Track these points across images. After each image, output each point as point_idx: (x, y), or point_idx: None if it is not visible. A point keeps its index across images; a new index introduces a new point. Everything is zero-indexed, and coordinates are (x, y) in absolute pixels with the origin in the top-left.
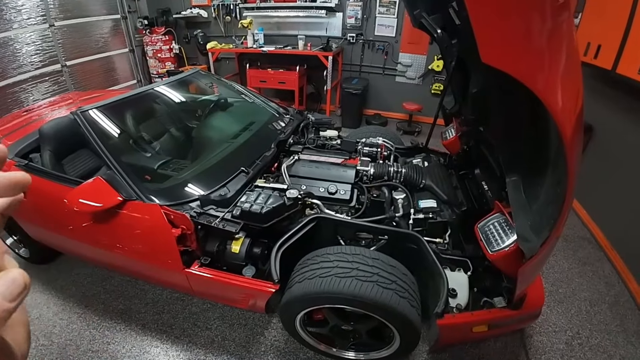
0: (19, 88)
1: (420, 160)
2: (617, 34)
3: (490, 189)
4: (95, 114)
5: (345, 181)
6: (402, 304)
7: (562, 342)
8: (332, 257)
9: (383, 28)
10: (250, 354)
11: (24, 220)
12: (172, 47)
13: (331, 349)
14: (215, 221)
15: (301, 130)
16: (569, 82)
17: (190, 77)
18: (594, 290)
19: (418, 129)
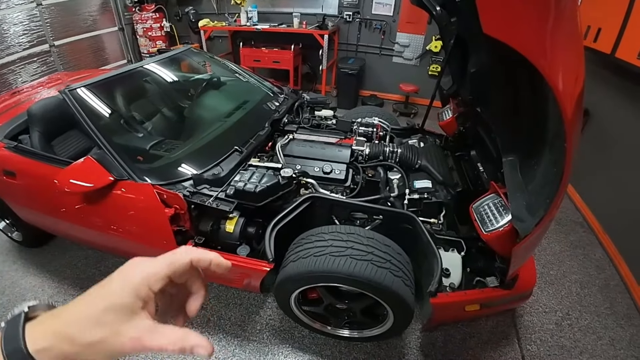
0: (7, 70)
1: (416, 141)
2: (618, 18)
3: (485, 170)
4: (84, 93)
5: (340, 161)
6: (396, 283)
7: (552, 322)
8: (327, 236)
9: (380, 6)
10: (245, 333)
11: (16, 203)
12: (163, 25)
13: (326, 327)
14: (209, 200)
15: (296, 109)
16: (572, 61)
17: (182, 55)
18: (585, 273)
19: (414, 111)
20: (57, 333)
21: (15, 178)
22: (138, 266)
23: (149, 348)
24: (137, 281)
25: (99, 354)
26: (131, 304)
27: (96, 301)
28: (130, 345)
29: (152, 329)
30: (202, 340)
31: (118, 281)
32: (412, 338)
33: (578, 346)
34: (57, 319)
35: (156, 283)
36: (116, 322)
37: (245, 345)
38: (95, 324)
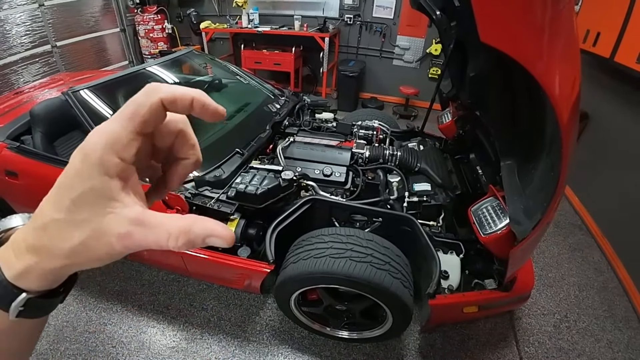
0: (9, 70)
1: (416, 143)
2: (617, 22)
3: (484, 173)
4: (87, 94)
5: (340, 163)
6: (395, 285)
7: (550, 324)
8: (327, 238)
9: (381, 9)
10: (245, 334)
11: (17, 204)
12: (165, 27)
13: (325, 328)
14: (210, 202)
15: (296, 112)
16: (568, 67)
17: (184, 57)
18: (583, 276)
19: (414, 113)
20: (31, 248)
21: (17, 178)
22: (93, 134)
23: (144, 245)
24: (99, 153)
25: (87, 261)
26: (102, 187)
27: (57, 195)
28: (120, 244)
29: (143, 220)
30: (216, 226)
31: (76, 160)
32: (411, 339)
33: (576, 349)
34: (26, 230)
35: (126, 148)
36: (93, 216)
37: (245, 346)
38: (68, 226)
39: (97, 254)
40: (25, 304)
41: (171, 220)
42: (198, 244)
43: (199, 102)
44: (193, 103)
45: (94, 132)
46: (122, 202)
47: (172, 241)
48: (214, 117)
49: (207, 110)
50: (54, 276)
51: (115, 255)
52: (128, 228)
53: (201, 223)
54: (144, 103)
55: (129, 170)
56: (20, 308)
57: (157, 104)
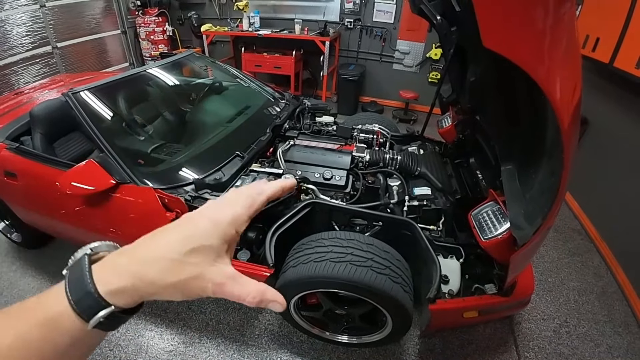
0: (9, 70)
1: (416, 148)
2: (616, 28)
3: (484, 177)
4: (87, 96)
5: (340, 167)
6: (395, 289)
7: (550, 329)
8: (327, 242)
9: (381, 14)
10: (244, 338)
11: (16, 204)
12: (166, 29)
13: (324, 333)
14: None
15: (297, 115)
16: (569, 72)
17: (185, 59)
18: (583, 281)
19: (414, 117)
20: (133, 273)
21: (16, 179)
22: (224, 208)
23: (228, 295)
24: (226, 223)
25: (177, 294)
26: (218, 247)
27: (180, 241)
28: (212, 289)
29: (235, 277)
30: (278, 296)
31: (207, 222)
32: (411, 344)
33: (576, 354)
34: (130, 258)
35: (241, 225)
36: (202, 265)
37: (243, 350)
38: (180, 265)
39: (190, 291)
40: (106, 317)
41: (252, 283)
42: (263, 305)
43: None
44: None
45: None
46: (224, 260)
47: (250, 298)
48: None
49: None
50: (140, 298)
51: (200, 295)
52: (224, 280)
53: (271, 291)
54: (258, 199)
55: (235, 239)
56: (101, 320)
57: (265, 201)
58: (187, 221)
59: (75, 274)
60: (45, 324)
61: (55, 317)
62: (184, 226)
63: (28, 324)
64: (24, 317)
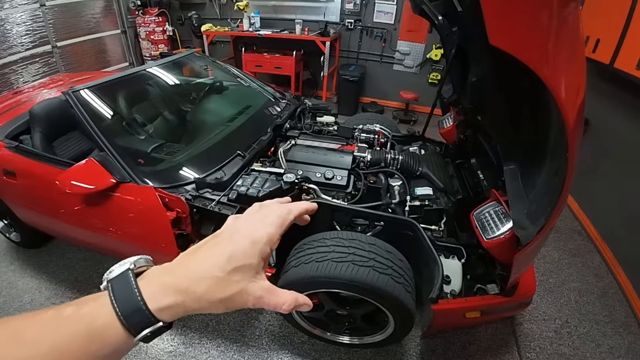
0: (9, 69)
1: (417, 148)
2: (617, 29)
3: (486, 178)
4: (87, 95)
5: (342, 167)
6: (397, 289)
7: (551, 330)
8: (329, 241)
9: (382, 14)
10: (244, 338)
11: (15, 204)
12: (166, 29)
13: (325, 333)
14: (211, 204)
15: (298, 115)
16: (574, 72)
17: (185, 59)
18: (584, 281)
19: (414, 118)
20: (180, 290)
21: (16, 178)
22: (259, 228)
23: (266, 306)
24: (263, 243)
25: (221, 308)
26: (257, 264)
27: (225, 260)
28: (252, 302)
29: (271, 290)
30: (307, 300)
31: (246, 241)
32: (412, 345)
33: (577, 354)
34: (175, 275)
35: (275, 244)
36: (244, 281)
37: (244, 350)
38: (226, 283)
39: (233, 305)
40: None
41: (286, 293)
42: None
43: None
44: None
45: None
46: (261, 275)
47: (286, 307)
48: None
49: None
50: (185, 313)
51: (241, 307)
52: (262, 293)
53: (301, 297)
54: (287, 219)
55: (269, 256)
56: (148, 334)
57: (292, 220)
58: (227, 240)
59: (122, 289)
60: (87, 336)
61: (101, 330)
62: (226, 246)
63: (67, 334)
64: (63, 327)
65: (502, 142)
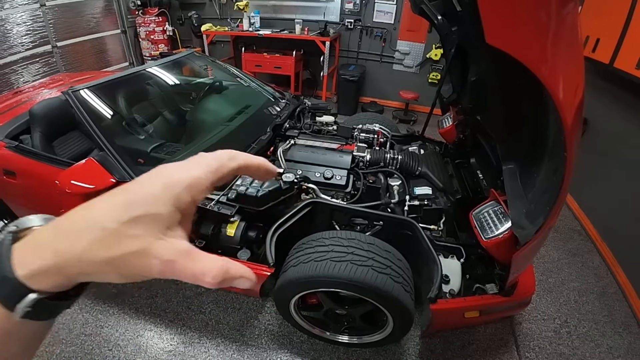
0: (9, 69)
1: (417, 148)
2: (616, 28)
3: (485, 177)
4: (87, 94)
5: (341, 167)
6: (396, 289)
7: (551, 330)
8: (328, 241)
9: (382, 14)
10: (244, 338)
11: (15, 203)
12: (166, 29)
13: (325, 333)
14: (210, 204)
15: (297, 115)
16: (572, 71)
17: (185, 59)
18: (583, 281)
19: (414, 118)
20: (56, 248)
21: (16, 178)
22: (181, 169)
23: (181, 275)
24: (180, 190)
25: (112, 274)
26: (168, 216)
27: (119, 207)
28: (159, 268)
29: (190, 253)
30: (246, 271)
31: (155, 183)
32: (411, 344)
33: (576, 354)
34: (57, 230)
35: (201, 193)
36: (145, 237)
37: (243, 350)
38: (116, 237)
39: (130, 271)
40: (33, 305)
41: (212, 258)
42: (228, 283)
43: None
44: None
45: (182, 171)
46: (176, 233)
47: (210, 278)
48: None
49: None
50: (69, 280)
51: (145, 276)
52: (174, 257)
53: (236, 266)
54: (227, 165)
55: (191, 209)
56: (28, 309)
57: (235, 168)
58: (134, 185)
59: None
60: None
61: None
62: (128, 189)
63: None
64: None
65: (501, 141)
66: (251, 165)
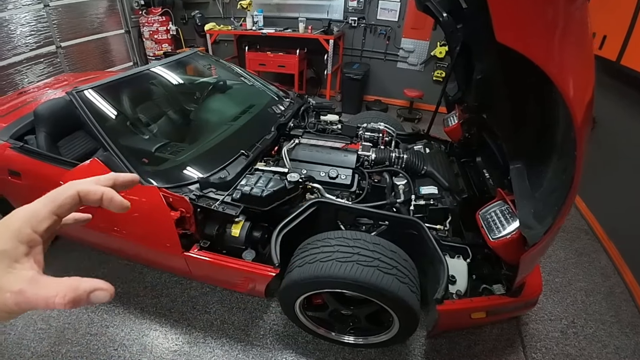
0: (13, 70)
1: (422, 146)
2: (623, 26)
3: (491, 176)
4: (91, 95)
5: (346, 166)
6: (402, 290)
7: (557, 330)
8: (333, 241)
9: (386, 12)
10: (249, 338)
11: (20, 204)
12: (169, 29)
13: (330, 333)
14: (215, 204)
15: (301, 114)
16: (582, 69)
17: (189, 58)
18: (590, 281)
19: (419, 116)
20: None
21: (20, 178)
22: (19, 210)
23: (34, 303)
24: (18, 224)
25: None
26: (12, 250)
27: None
28: (12, 300)
29: (35, 279)
30: (99, 283)
31: None
32: (417, 345)
33: (583, 354)
34: None
35: (40, 223)
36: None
37: (248, 350)
38: None
39: None
40: None
41: (58, 281)
42: (84, 300)
43: (107, 197)
44: (103, 197)
45: (22, 207)
46: (22, 265)
47: (60, 299)
48: (120, 209)
49: (114, 204)
50: None
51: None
52: (22, 286)
53: (87, 281)
54: (63, 193)
55: (36, 240)
56: None
57: (73, 195)
58: None
59: None
60: None
61: None
62: None
63: None
64: None
65: (508, 140)
66: (92, 192)
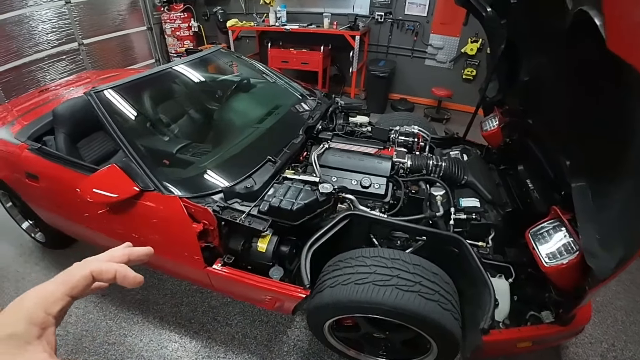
0: (35, 67)
1: (459, 152)
2: None
3: (536, 188)
4: (110, 95)
5: (380, 174)
6: (445, 317)
7: (598, 354)
8: (369, 261)
9: (414, 6)
10: (272, 354)
11: (37, 206)
12: (191, 25)
13: (360, 355)
14: (241, 217)
15: (329, 115)
16: None
17: (211, 56)
18: (631, 299)
19: (447, 116)
20: None
21: (38, 181)
22: (32, 291)
23: None
24: (31, 306)
25: None
26: (24, 333)
27: None
28: None
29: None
30: None
31: (10, 309)
32: None
33: None
34: None
35: (53, 305)
36: (6, 355)
37: None
38: None
39: None
40: None
41: None
42: None
43: (120, 275)
44: (116, 275)
45: (33, 289)
46: (35, 348)
47: None
48: (133, 285)
49: (127, 281)
50: None
51: None
52: None
53: None
54: (77, 273)
55: (49, 322)
56: None
57: (86, 275)
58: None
59: None
60: None
61: None
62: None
63: None
64: None
65: (569, 153)
66: (105, 272)
